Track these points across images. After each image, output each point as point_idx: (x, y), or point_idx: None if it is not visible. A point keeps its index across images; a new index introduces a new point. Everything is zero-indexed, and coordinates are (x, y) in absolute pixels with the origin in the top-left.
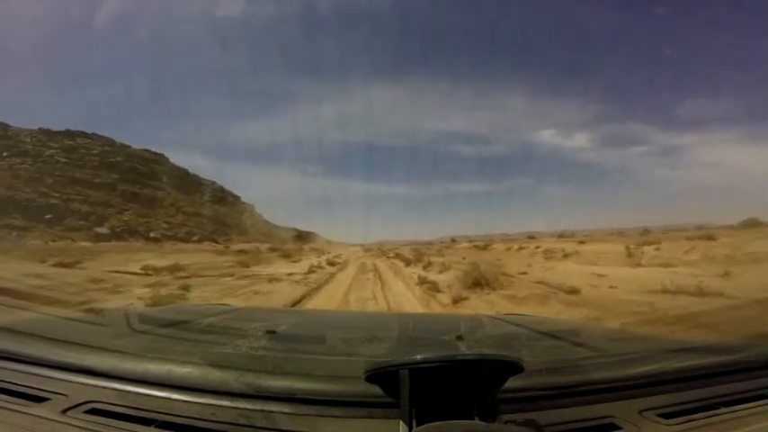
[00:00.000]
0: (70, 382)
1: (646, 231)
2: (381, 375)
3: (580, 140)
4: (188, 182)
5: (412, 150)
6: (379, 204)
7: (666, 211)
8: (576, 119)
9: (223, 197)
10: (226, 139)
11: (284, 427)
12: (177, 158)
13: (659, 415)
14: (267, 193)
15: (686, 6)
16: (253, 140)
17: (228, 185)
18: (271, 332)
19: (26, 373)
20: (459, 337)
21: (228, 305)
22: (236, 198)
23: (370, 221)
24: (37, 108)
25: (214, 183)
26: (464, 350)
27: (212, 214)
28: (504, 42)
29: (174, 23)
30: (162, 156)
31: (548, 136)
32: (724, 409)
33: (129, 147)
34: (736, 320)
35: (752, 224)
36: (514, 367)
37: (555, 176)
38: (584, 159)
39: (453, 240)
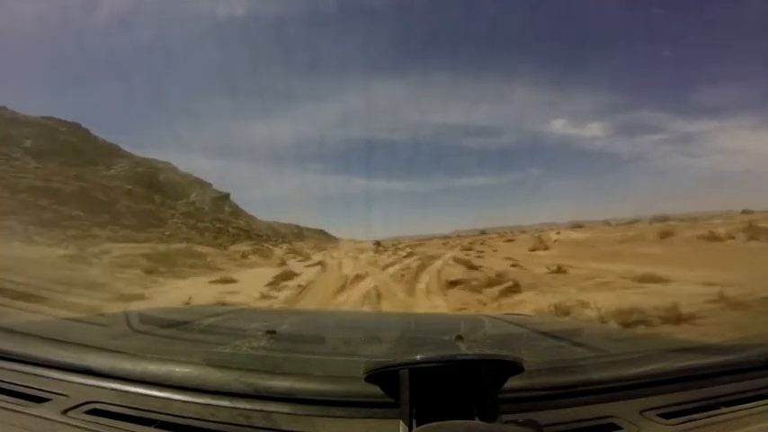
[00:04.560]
0: (71, 382)
1: (747, 211)
2: (381, 375)
3: (593, 130)
4: (101, 154)
5: (418, 145)
6: (385, 200)
7: (684, 198)
8: (590, 108)
9: (150, 174)
10: (229, 138)
11: (284, 427)
12: (181, 157)
13: (660, 415)
14: (267, 192)
15: None
16: (256, 138)
17: (235, 184)
18: (271, 332)
19: (26, 373)
20: (460, 337)
21: (228, 305)
22: (203, 185)
23: (379, 217)
24: (35, 109)
25: (168, 163)
26: (464, 350)
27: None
28: (513, 31)
29: (175, 23)
30: (76, 124)
31: (559, 126)
32: (724, 409)
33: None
34: None
35: None
36: (514, 367)
37: (568, 166)
38: (598, 148)
39: (483, 233)
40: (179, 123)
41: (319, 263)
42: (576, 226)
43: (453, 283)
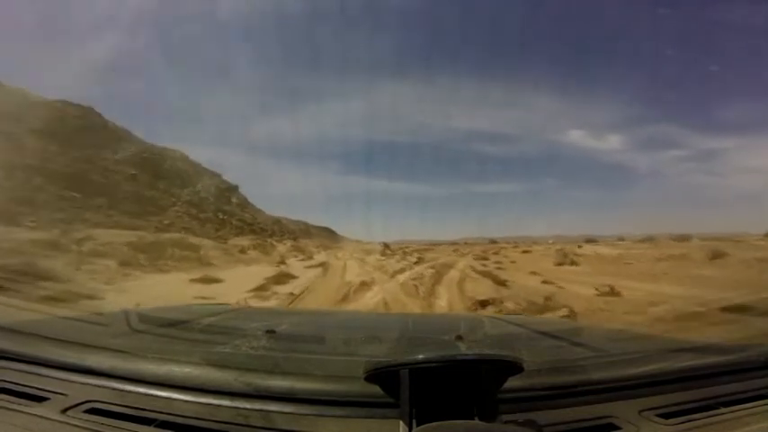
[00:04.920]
0: (70, 381)
1: None
2: (381, 375)
3: (612, 142)
4: (110, 138)
5: (435, 149)
6: (395, 202)
7: (701, 216)
8: (609, 120)
9: (157, 161)
10: (250, 133)
11: (284, 427)
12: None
13: (659, 415)
14: (276, 188)
15: (724, 7)
16: (278, 137)
17: (245, 178)
18: (271, 332)
19: (26, 372)
20: (459, 337)
21: (228, 305)
22: (212, 175)
23: (388, 219)
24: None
25: (177, 151)
26: (464, 350)
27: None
28: (534, 40)
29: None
30: (89, 108)
31: (578, 137)
32: (724, 409)
33: None
34: None
35: None
36: (514, 367)
37: (585, 178)
38: (616, 161)
39: (493, 242)
40: (196, 119)
41: (321, 264)
42: (590, 240)
43: (483, 304)
